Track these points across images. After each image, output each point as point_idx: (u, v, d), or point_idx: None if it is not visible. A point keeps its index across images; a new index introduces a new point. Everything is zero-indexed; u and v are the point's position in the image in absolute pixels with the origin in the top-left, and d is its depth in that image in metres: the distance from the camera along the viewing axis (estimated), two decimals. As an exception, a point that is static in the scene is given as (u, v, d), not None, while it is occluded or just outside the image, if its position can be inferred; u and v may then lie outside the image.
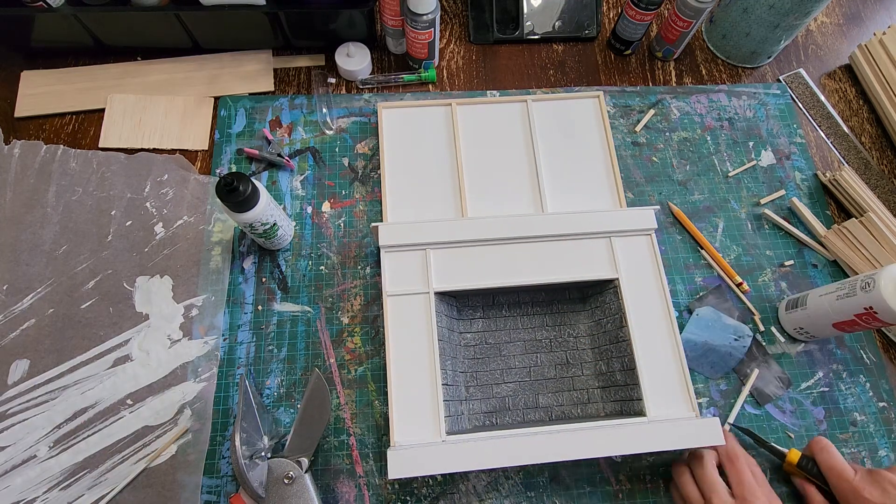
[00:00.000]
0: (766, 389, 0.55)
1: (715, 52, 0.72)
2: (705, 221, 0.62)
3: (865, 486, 0.45)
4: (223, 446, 0.51)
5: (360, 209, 0.61)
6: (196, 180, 0.61)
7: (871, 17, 0.77)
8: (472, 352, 0.55)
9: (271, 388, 0.53)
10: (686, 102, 0.68)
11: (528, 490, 0.51)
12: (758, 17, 0.64)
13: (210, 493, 0.50)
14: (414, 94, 0.67)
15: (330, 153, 0.63)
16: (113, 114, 0.63)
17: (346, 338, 0.55)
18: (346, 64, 0.65)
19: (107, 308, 0.55)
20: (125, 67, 0.66)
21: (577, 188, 0.61)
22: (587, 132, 0.64)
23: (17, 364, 0.53)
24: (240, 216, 0.49)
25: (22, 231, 0.58)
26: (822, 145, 0.68)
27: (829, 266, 0.61)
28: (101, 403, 0.52)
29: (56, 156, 0.61)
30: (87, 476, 0.50)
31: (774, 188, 0.64)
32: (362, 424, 0.52)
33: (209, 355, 0.54)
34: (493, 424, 0.52)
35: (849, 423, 0.54)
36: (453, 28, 0.72)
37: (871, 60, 0.69)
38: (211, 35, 0.65)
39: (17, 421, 0.51)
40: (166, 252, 0.58)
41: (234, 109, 0.64)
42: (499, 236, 0.53)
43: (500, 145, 0.62)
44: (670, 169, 0.64)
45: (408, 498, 0.50)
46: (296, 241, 0.59)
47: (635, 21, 0.65)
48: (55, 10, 0.59)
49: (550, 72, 0.70)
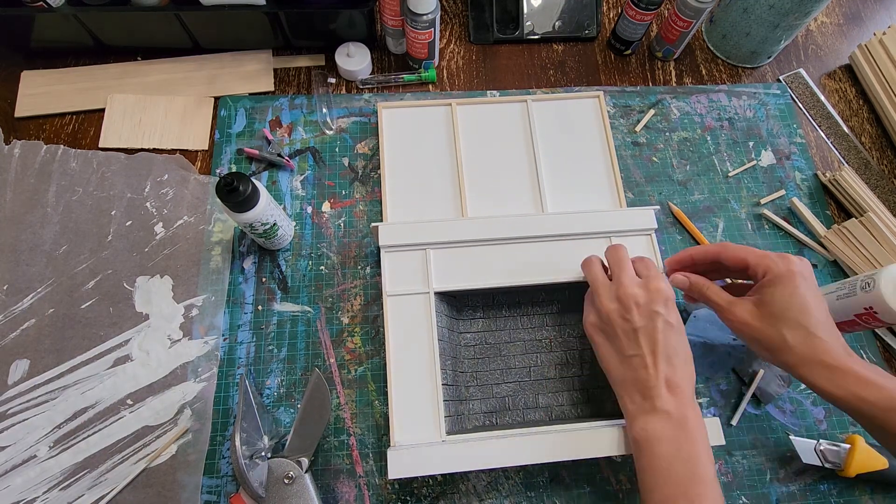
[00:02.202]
0: (768, 388, 0.55)
1: (715, 52, 0.72)
2: (705, 221, 0.62)
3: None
4: (223, 446, 0.51)
5: (360, 209, 0.61)
6: (196, 180, 0.61)
7: (871, 17, 0.77)
8: (472, 352, 0.55)
9: (271, 388, 0.53)
10: (686, 102, 0.68)
11: (528, 490, 0.51)
12: (758, 17, 0.64)
13: (210, 493, 0.50)
14: (414, 94, 0.67)
15: (330, 153, 0.63)
16: (113, 114, 0.63)
17: (346, 338, 0.55)
18: (346, 64, 0.65)
19: (107, 308, 0.55)
20: (125, 67, 0.66)
21: (578, 188, 0.61)
22: (587, 132, 0.64)
23: (17, 364, 0.53)
24: (240, 216, 0.49)
25: (22, 231, 0.58)
26: (822, 145, 0.68)
27: (829, 266, 0.61)
28: (101, 403, 0.52)
29: (56, 156, 0.61)
30: (87, 476, 0.50)
31: (774, 188, 0.64)
32: (362, 424, 0.52)
33: (209, 355, 0.54)
34: (493, 424, 0.52)
35: (849, 423, 0.54)
36: (453, 28, 0.72)
37: (871, 60, 0.69)
38: (211, 35, 0.65)
39: (17, 421, 0.51)
40: (166, 252, 0.58)
41: (234, 109, 0.64)
42: (499, 236, 0.53)
43: (500, 145, 0.62)
44: (670, 169, 0.64)
45: (408, 498, 0.50)
46: (296, 241, 0.59)
47: (635, 21, 0.65)
48: (55, 10, 0.59)
49: (550, 72, 0.70)
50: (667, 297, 0.44)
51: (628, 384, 0.44)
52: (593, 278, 0.48)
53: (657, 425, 0.41)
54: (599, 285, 0.47)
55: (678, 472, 0.39)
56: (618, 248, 0.48)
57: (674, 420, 0.41)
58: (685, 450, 0.40)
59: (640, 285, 0.45)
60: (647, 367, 0.43)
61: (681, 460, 0.39)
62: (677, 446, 0.40)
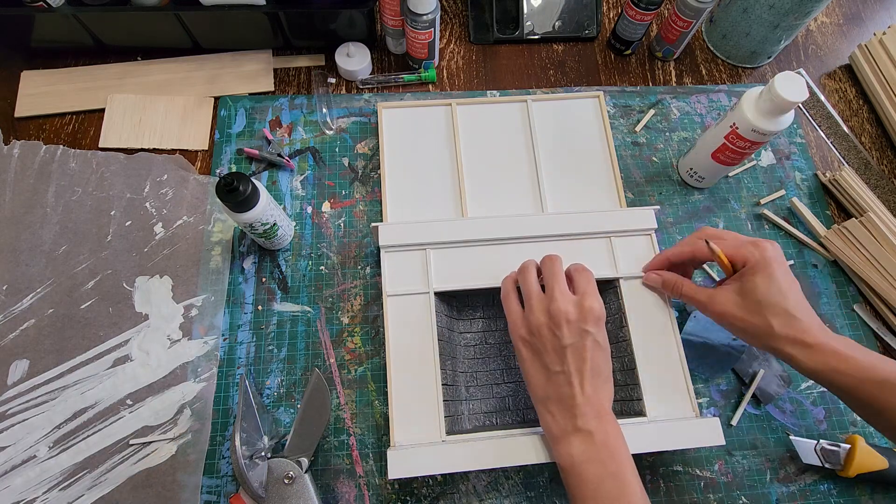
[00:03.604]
0: (769, 388, 0.55)
1: (715, 52, 0.72)
2: (705, 221, 0.62)
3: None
4: (223, 446, 0.51)
5: (360, 209, 0.61)
6: (196, 180, 0.61)
7: (871, 17, 0.77)
8: (472, 352, 0.55)
9: (271, 388, 0.53)
10: (686, 102, 0.68)
11: (528, 490, 0.51)
12: (758, 17, 0.64)
13: (210, 493, 0.50)
14: (414, 94, 0.67)
15: (330, 153, 0.63)
16: (113, 114, 0.63)
17: (346, 338, 0.55)
18: (346, 64, 0.65)
19: (106, 308, 0.55)
20: (125, 67, 0.66)
21: (577, 188, 0.61)
22: (587, 132, 0.64)
23: (16, 364, 0.53)
24: (240, 216, 0.49)
25: (22, 231, 0.58)
26: (822, 145, 0.68)
27: (829, 266, 0.61)
28: (101, 403, 0.52)
29: (56, 156, 0.61)
30: (87, 476, 0.50)
31: (774, 188, 0.64)
32: (362, 424, 0.52)
33: (209, 355, 0.54)
34: (493, 424, 0.52)
35: (849, 423, 0.54)
36: (453, 28, 0.72)
37: (871, 60, 0.69)
38: (211, 35, 0.65)
39: (16, 421, 0.51)
40: (166, 252, 0.58)
41: (234, 109, 0.64)
42: (499, 236, 0.53)
43: (500, 145, 0.62)
44: (670, 169, 0.64)
45: (408, 498, 0.50)
46: (296, 241, 0.59)
47: (635, 21, 0.65)
48: (55, 10, 0.59)
49: (550, 72, 0.70)
50: (598, 317, 0.44)
51: (552, 401, 0.44)
52: (527, 288, 0.46)
53: (581, 447, 0.41)
54: (532, 296, 0.46)
55: (608, 491, 0.40)
56: (553, 260, 0.47)
57: (597, 440, 0.41)
58: (611, 468, 0.40)
59: (573, 302, 0.44)
60: (573, 385, 0.43)
61: (609, 479, 0.40)
62: (603, 466, 0.40)
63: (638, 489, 0.40)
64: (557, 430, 0.43)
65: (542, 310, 0.44)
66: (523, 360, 0.46)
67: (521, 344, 0.46)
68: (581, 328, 0.43)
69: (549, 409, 0.44)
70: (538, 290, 0.46)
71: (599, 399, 0.43)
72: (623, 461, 0.41)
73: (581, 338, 0.43)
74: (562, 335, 0.43)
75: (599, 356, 0.44)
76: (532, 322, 0.45)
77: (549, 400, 0.44)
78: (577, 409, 0.42)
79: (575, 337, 0.43)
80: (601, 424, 0.42)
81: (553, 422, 0.43)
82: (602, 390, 0.43)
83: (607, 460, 0.40)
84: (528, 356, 0.45)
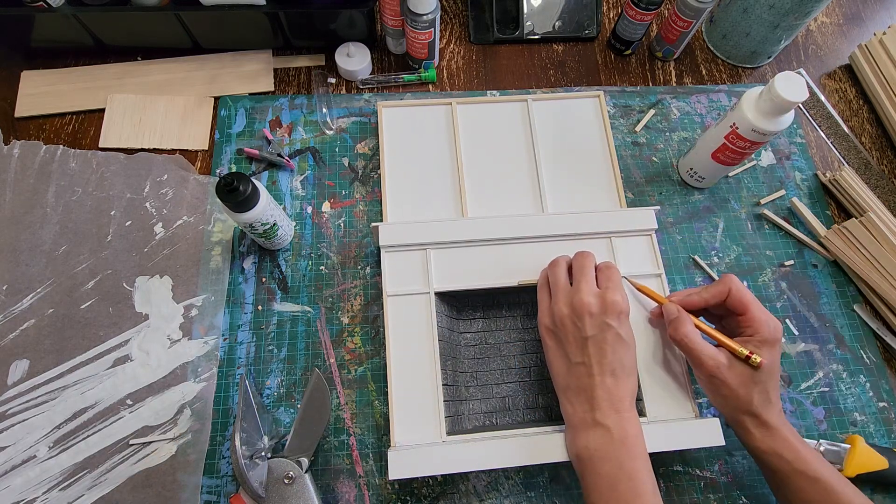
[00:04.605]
0: (767, 389, 0.55)
1: (715, 52, 0.72)
2: (705, 221, 0.62)
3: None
4: (223, 446, 0.51)
5: (360, 209, 0.61)
6: (196, 180, 0.61)
7: (871, 17, 0.77)
8: (472, 352, 0.55)
9: (271, 388, 0.53)
10: (686, 102, 0.68)
11: (528, 490, 0.51)
12: (758, 17, 0.64)
13: (210, 493, 0.50)
14: (414, 94, 0.67)
15: (330, 153, 0.63)
16: (113, 114, 0.63)
17: (346, 338, 0.55)
18: (346, 64, 0.65)
19: (106, 308, 0.55)
20: (125, 67, 0.66)
21: (578, 188, 0.61)
22: (587, 132, 0.64)
23: (16, 364, 0.53)
24: (240, 216, 0.49)
25: (22, 231, 0.58)
26: (822, 145, 0.68)
27: (829, 266, 0.61)
28: (101, 403, 0.52)
29: (56, 156, 0.61)
30: (87, 476, 0.50)
31: (774, 188, 0.64)
32: (362, 424, 0.52)
33: (209, 355, 0.54)
34: (493, 424, 0.52)
35: (849, 423, 0.54)
36: (453, 28, 0.72)
37: (871, 60, 0.69)
38: (211, 35, 0.65)
39: (16, 421, 0.51)
40: (166, 252, 0.57)
41: (234, 109, 0.64)
42: (499, 236, 0.53)
43: (500, 145, 0.62)
44: (670, 169, 0.64)
45: (408, 498, 0.50)
46: (296, 241, 0.59)
47: (635, 21, 0.65)
48: (55, 10, 0.59)
49: (550, 72, 0.70)
50: (620, 311, 0.45)
51: (571, 391, 0.45)
52: (555, 280, 0.48)
53: (599, 442, 0.42)
54: (559, 289, 0.47)
55: (622, 490, 0.40)
56: (584, 255, 0.48)
57: (615, 437, 0.41)
58: (627, 467, 0.40)
59: (596, 295, 0.45)
60: (593, 376, 0.43)
61: (623, 478, 0.40)
62: (619, 464, 0.41)
63: (651, 489, 0.40)
64: (577, 420, 0.44)
65: (567, 301, 0.46)
66: (547, 348, 0.47)
67: (545, 333, 0.47)
68: (603, 321, 0.44)
69: (570, 398, 0.45)
70: (565, 282, 0.47)
71: (620, 393, 0.43)
72: (640, 462, 0.41)
73: (602, 330, 0.44)
74: (584, 326, 0.44)
75: (622, 349, 0.44)
76: (556, 312, 0.46)
77: (569, 390, 0.45)
78: (595, 401, 0.43)
79: (596, 329, 0.44)
80: (620, 420, 0.42)
81: (573, 412, 0.44)
82: (624, 384, 0.44)
83: (625, 459, 0.41)
84: (551, 345, 0.47)
